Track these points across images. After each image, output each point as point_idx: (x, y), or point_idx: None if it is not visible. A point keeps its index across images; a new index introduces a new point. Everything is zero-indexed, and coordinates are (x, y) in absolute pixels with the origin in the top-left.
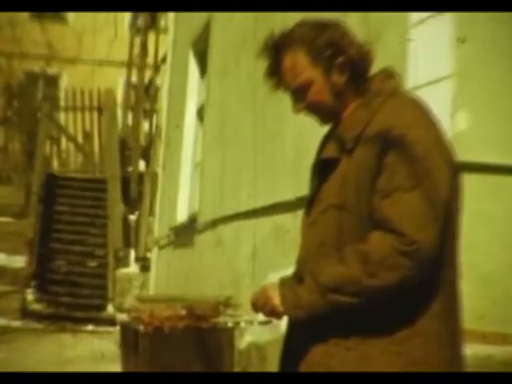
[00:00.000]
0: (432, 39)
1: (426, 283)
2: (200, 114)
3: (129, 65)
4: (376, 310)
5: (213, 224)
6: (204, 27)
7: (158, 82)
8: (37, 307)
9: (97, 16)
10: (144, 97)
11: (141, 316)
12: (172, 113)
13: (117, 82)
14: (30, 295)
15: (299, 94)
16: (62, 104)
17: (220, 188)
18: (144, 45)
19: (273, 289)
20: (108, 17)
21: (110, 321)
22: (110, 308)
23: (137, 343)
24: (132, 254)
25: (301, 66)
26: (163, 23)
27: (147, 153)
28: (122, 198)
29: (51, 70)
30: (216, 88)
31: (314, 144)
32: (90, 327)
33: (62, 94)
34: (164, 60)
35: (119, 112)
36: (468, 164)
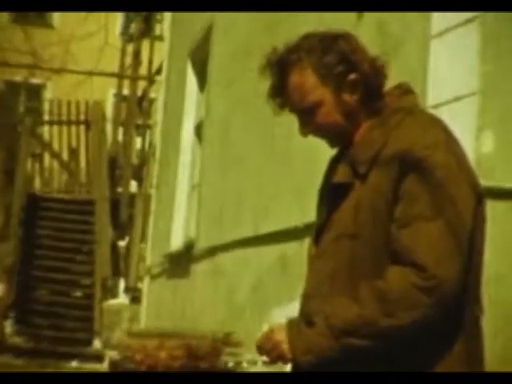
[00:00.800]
0: (455, 52)
1: (448, 321)
2: (198, 131)
3: (120, 75)
4: (392, 351)
5: (211, 252)
6: (204, 35)
7: (152, 95)
8: (16, 341)
9: (85, 21)
10: (136, 111)
11: (132, 354)
12: (167, 129)
13: (106, 94)
14: (9, 327)
15: (307, 116)
16: (46, 117)
17: (220, 212)
18: (137, 54)
19: (280, 332)
20: (98, 22)
21: (97, 357)
22: (97, 343)
23: None
24: (121, 284)
25: (309, 86)
26: (158, 30)
27: (139, 172)
28: (111, 222)
29: (34, 80)
30: (217, 102)
31: (324, 166)
32: (75, 364)
33: (46, 107)
34: (159, 71)
35: (109, 127)
36: (494, 189)
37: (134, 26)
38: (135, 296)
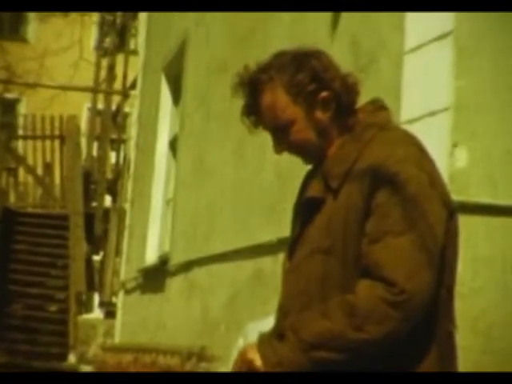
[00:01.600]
0: (428, 68)
1: (420, 336)
2: (173, 146)
3: (94, 90)
4: (363, 366)
5: (186, 267)
6: (178, 50)
7: (127, 109)
8: None
9: (60, 36)
10: (111, 125)
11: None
12: (142, 143)
13: (81, 109)
14: None
15: (280, 134)
16: (21, 132)
17: (194, 227)
18: (111, 68)
19: (252, 349)
20: (72, 37)
21: (72, 372)
22: (72, 357)
23: None
24: (96, 299)
25: (281, 105)
26: (133, 44)
27: (114, 187)
28: (86, 237)
29: (9, 95)
30: (191, 117)
31: (299, 182)
32: None
33: (21, 121)
34: (133, 85)
35: (83, 141)
36: (468, 204)
37: (109, 41)
38: (110, 310)
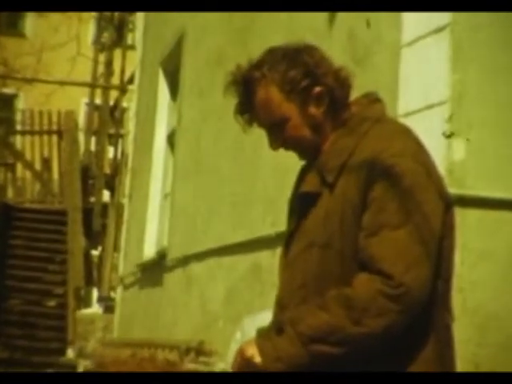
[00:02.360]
0: (426, 61)
1: (418, 328)
2: (171, 140)
3: (92, 85)
4: (362, 359)
5: (184, 261)
6: (175, 44)
7: (125, 104)
8: None
9: (58, 31)
10: (109, 120)
11: (105, 362)
12: (140, 138)
13: (79, 104)
14: None
15: (275, 131)
16: (18, 127)
17: (192, 222)
18: (109, 63)
19: (250, 346)
20: (70, 32)
21: (71, 366)
22: (70, 352)
23: None
24: (94, 294)
25: (274, 102)
26: (130, 40)
27: (112, 182)
28: (84, 232)
29: (6, 90)
30: (189, 111)
31: (296, 176)
32: None
33: (19, 117)
34: (131, 80)
35: (81, 136)
36: (466, 197)
37: (106, 36)
38: (108, 305)
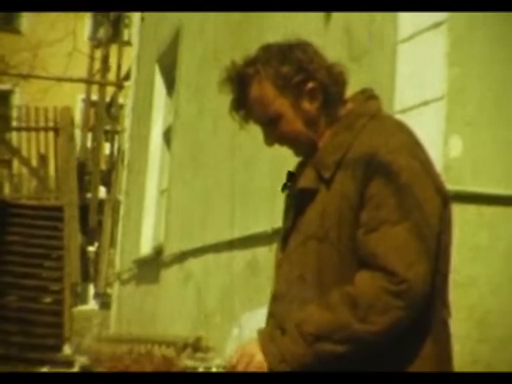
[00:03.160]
0: (422, 57)
1: (416, 324)
2: (167, 136)
3: (88, 81)
4: (365, 356)
5: (181, 257)
6: (171, 40)
7: (121, 101)
8: None
9: (54, 27)
10: (105, 116)
11: (101, 359)
12: (136, 134)
13: (75, 100)
14: None
15: (270, 127)
16: (15, 123)
17: (189, 217)
18: (105, 59)
19: (253, 345)
20: (66, 28)
21: (67, 363)
22: (67, 348)
23: None
24: (91, 290)
25: (268, 98)
26: (127, 35)
27: (108, 178)
28: (80, 228)
29: (2, 86)
30: (185, 107)
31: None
32: (45, 370)
33: (15, 113)
34: (127, 76)
35: (77, 133)
36: (462, 194)
37: (103, 32)
38: (105, 302)
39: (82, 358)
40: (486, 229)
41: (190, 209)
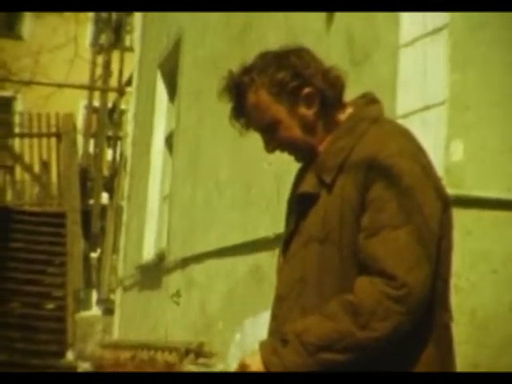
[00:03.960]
0: (424, 61)
1: (418, 328)
2: (169, 142)
3: (90, 87)
4: (367, 363)
5: (183, 263)
6: (173, 46)
7: (123, 106)
8: None
9: (55, 33)
10: (107, 122)
11: (104, 364)
12: (138, 140)
13: (77, 106)
14: None
15: (269, 133)
16: (17, 130)
17: (191, 223)
18: (107, 65)
19: (255, 358)
20: (67, 34)
21: (70, 369)
22: (70, 355)
23: None
24: (94, 296)
25: (264, 105)
26: (128, 41)
27: (111, 184)
28: (83, 234)
29: (4, 93)
30: (187, 113)
31: (294, 177)
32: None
33: (17, 119)
34: (129, 82)
35: (80, 139)
36: (463, 198)
37: (104, 38)
38: (108, 308)
39: (85, 364)
40: (488, 233)
41: (193, 214)
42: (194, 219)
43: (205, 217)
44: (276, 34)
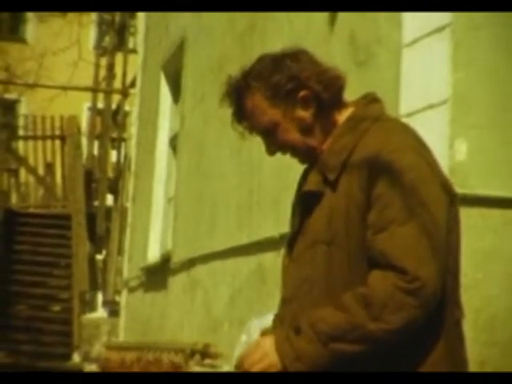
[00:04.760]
0: (427, 61)
1: (429, 323)
2: (173, 143)
3: (94, 89)
4: (379, 356)
5: (188, 264)
6: (177, 48)
7: (127, 108)
8: None
9: (59, 36)
10: (111, 124)
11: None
12: (142, 142)
13: (81, 108)
14: None
15: (268, 136)
16: (21, 132)
17: (196, 224)
18: (111, 67)
19: (267, 343)
20: (71, 37)
21: (76, 371)
22: (76, 357)
23: None
24: (99, 298)
25: (260, 109)
26: (132, 43)
27: (115, 185)
28: (88, 236)
29: (9, 96)
30: (191, 115)
31: (298, 177)
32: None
33: (21, 122)
34: (133, 84)
35: (84, 141)
36: (468, 197)
37: (108, 40)
38: (113, 309)
39: (91, 366)
40: (492, 232)
41: (197, 216)
42: (199, 220)
43: (209, 218)
44: (279, 36)
